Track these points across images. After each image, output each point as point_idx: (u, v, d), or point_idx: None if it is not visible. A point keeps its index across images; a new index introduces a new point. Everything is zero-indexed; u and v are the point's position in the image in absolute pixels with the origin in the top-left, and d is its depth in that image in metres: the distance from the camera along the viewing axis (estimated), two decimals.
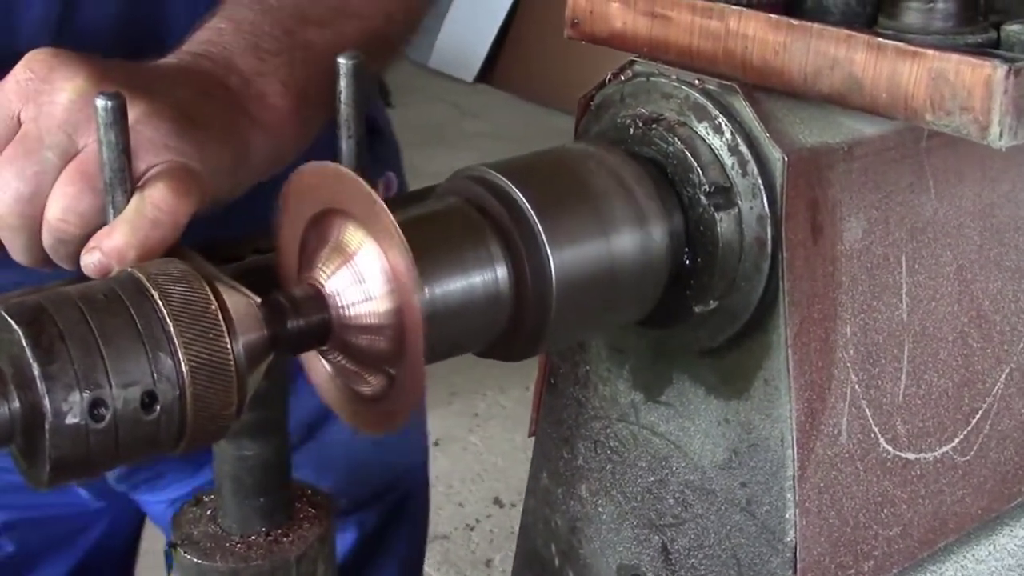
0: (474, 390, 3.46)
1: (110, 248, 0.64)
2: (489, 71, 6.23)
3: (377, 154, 1.27)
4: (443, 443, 3.27)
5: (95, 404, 0.52)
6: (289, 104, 0.81)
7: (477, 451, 3.26)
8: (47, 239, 0.70)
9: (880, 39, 0.66)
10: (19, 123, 0.70)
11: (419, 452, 1.36)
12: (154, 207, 0.65)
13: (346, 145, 0.74)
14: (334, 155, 0.73)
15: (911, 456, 0.79)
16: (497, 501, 3.06)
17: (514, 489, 3.07)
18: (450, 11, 6.44)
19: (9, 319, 0.53)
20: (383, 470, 1.26)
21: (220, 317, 0.56)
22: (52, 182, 0.69)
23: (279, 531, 0.76)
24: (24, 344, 0.52)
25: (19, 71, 0.71)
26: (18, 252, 0.72)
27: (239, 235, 0.76)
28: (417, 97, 5.94)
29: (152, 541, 1.37)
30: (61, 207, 0.68)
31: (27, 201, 0.69)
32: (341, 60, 0.71)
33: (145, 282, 0.56)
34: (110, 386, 0.53)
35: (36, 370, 0.52)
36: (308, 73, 0.82)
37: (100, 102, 0.63)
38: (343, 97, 0.72)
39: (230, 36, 0.81)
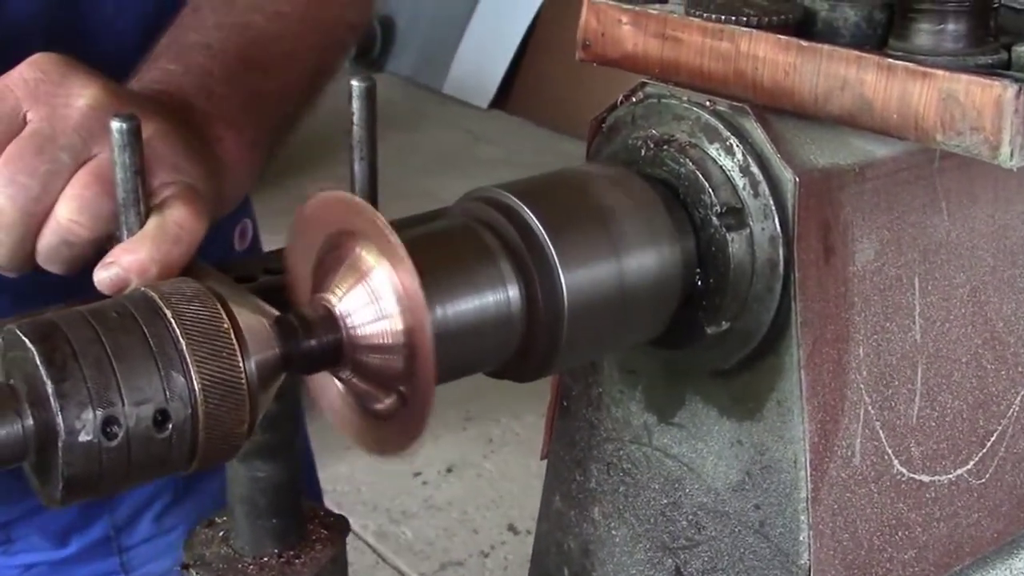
0: (489, 416, 3.45)
1: (131, 262, 0.64)
2: (503, 97, 6.26)
3: None
4: (457, 469, 3.26)
5: (108, 422, 0.53)
6: (241, 149, 0.82)
7: (491, 477, 3.26)
8: (51, 240, 0.69)
9: (890, 60, 0.66)
10: (24, 121, 0.69)
11: (306, 468, 1.33)
12: (177, 225, 0.65)
13: (358, 167, 0.74)
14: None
15: (925, 478, 0.78)
16: (512, 528, 3.05)
17: (529, 516, 3.06)
18: (464, 37, 6.48)
19: (23, 337, 0.53)
20: None
21: (233, 336, 0.56)
22: (62, 184, 0.68)
23: (291, 552, 0.76)
24: (38, 362, 0.53)
25: (26, 70, 0.70)
26: (3, 250, 0.70)
27: (251, 256, 0.76)
28: (431, 123, 5.97)
29: None
30: (76, 208, 0.67)
31: (34, 199, 0.68)
32: (353, 82, 0.72)
33: (158, 301, 0.56)
34: (123, 404, 0.53)
35: (50, 388, 0.52)
36: (255, 120, 0.84)
37: (116, 124, 0.63)
38: (355, 119, 0.72)
39: (181, 78, 0.82)
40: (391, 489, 3.17)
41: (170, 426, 0.54)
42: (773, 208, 0.69)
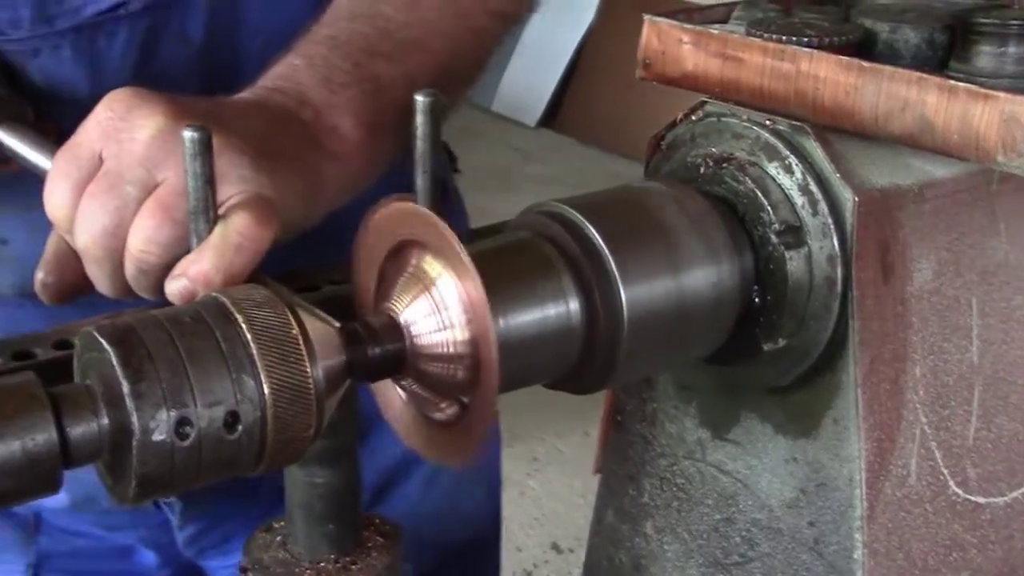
0: (532, 435, 3.46)
1: (196, 273, 0.66)
2: (552, 116, 6.28)
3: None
4: (501, 486, 3.27)
5: (181, 422, 0.54)
6: (360, 135, 0.83)
7: (535, 495, 3.26)
8: (129, 269, 0.73)
9: (952, 81, 0.67)
10: (101, 161, 0.73)
11: (493, 498, 1.34)
12: (238, 234, 0.67)
13: (421, 180, 0.75)
14: (404, 190, 0.74)
15: (981, 500, 0.78)
16: (555, 547, 3.05)
17: (572, 536, 3.05)
18: (513, 56, 6.51)
19: (101, 339, 0.55)
20: (455, 526, 1.25)
21: (301, 342, 0.57)
22: (133, 215, 0.72)
23: (348, 558, 0.77)
24: (115, 363, 0.54)
25: (100, 111, 0.74)
26: (103, 283, 0.75)
27: (314, 265, 0.78)
28: (480, 141, 6.00)
29: None
30: (143, 239, 0.71)
31: (111, 234, 0.72)
32: (417, 97, 0.73)
33: (230, 306, 0.58)
34: (195, 405, 0.54)
35: (126, 388, 0.54)
36: (378, 106, 0.85)
37: (187, 134, 0.65)
38: (419, 133, 0.74)
39: (303, 71, 0.84)
40: None
41: (240, 428, 0.56)
42: (832, 227, 0.70)
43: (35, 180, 0.80)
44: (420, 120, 0.74)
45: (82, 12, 0.92)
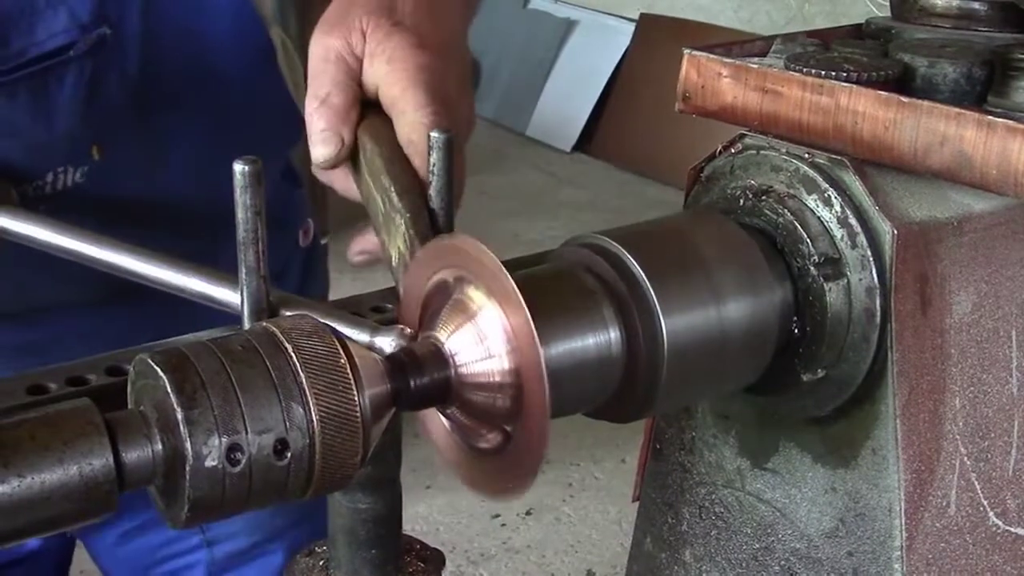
0: (568, 460, 3.46)
1: None
2: (586, 141, 6.30)
3: (298, 202, 1.43)
4: (536, 512, 3.27)
5: (232, 449, 0.55)
6: None
7: (570, 522, 3.25)
8: None
9: (990, 116, 0.68)
10: None
11: None
12: None
13: (439, 212, 0.78)
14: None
15: (1021, 532, 0.78)
16: (590, 573, 3.04)
17: (607, 562, 3.05)
18: (548, 82, 6.54)
19: (155, 367, 0.57)
20: None
21: (349, 371, 0.59)
22: None
23: None
24: (169, 390, 0.56)
25: None
26: None
27: (359, 295, 0.79)
28: (515, 165, 6.02)
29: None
30: None
31: None
32: (433, 135, 0.74)
33: (279, 335, 0.59)
34: (246, 432, 0.56)
35: (180, 415, 0.55)
36: None
37: (238, 166, 0.67)
38: (435, 170, 0.75)
39: None
40: (469, 530, 3.19)
41: (289, 455, 0.57)
42: (871, 259, 0.71)
43: None
44: (435, 157, 0.75)
45: (27, 53, 0.99)
